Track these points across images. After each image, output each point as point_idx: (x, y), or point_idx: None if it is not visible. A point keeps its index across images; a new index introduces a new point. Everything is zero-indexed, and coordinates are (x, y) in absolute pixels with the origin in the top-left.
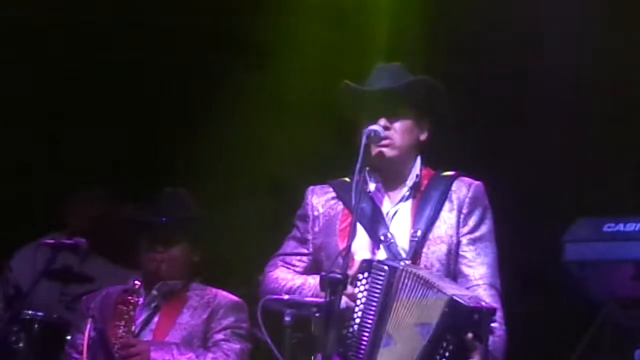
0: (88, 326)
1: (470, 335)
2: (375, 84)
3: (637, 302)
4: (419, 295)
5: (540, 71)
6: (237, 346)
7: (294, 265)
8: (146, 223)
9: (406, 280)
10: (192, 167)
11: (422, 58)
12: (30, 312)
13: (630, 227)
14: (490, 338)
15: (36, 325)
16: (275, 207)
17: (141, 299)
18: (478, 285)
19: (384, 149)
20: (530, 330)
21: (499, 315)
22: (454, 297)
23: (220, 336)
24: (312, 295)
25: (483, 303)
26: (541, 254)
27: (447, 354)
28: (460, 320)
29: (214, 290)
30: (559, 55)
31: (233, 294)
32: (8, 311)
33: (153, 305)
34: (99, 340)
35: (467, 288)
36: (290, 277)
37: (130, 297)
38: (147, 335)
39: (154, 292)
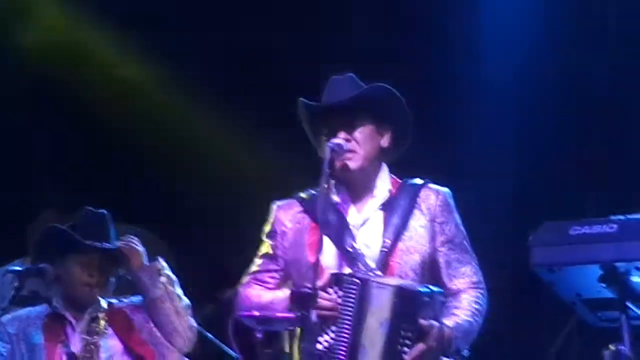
0: (59, 350)
1: (423, 318)
2: (329, 99)
3: (604, 303)
4: (379, 299)
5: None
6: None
7: (266, 282)
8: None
9: (374, 291)
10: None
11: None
12: None
13: (596, 229)
14: (453, 319)
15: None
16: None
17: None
18: (464, 289)
19: (347, 162)
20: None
21: (475, 308)
22: (400, 286)
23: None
24: (281, 309)
25: (431, 287)
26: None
27: (407, 342)
28: (411, 306)
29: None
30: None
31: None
32: None
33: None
34: None
35: (454, 294)
36: (260, 293)
37: (94, 324)
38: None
39: (87, 315)
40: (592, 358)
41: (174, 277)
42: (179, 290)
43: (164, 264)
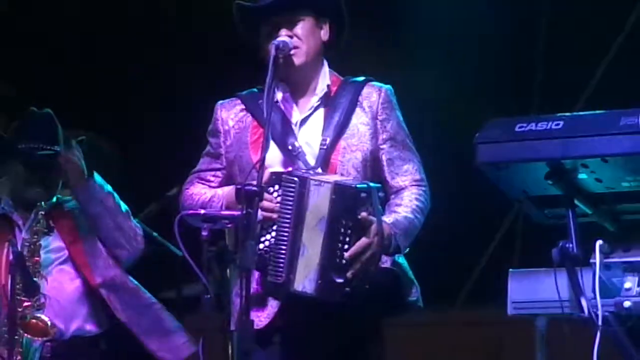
0: (5, 249)
1: (363, 213)
2: None
3: (551, 200)
4: (317, 196)
5: None
6: None
7: (209, 181)
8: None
9: (312, 188)
10: None
11: None
12: None
13: (542, 126)
14: (393, 216)
15: None
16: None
17: (20, 221)
18: (406, 187)
19: (292, 57)
20: (448, 234)
21: (417, 205)
22: (337, 182)
23: None
24: (221, 206)
25: (369, 183)
26: (454, 158)
27: (347, 238)
28: (349, 202)
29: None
30: None
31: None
32: None
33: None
34: (16, 262)
35: (396, 191)
36: (203, 191)
37: (34, 225)
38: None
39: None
40: (533, 257)
41: (110, 189)
42: (117, 201)
43: (100, 179)
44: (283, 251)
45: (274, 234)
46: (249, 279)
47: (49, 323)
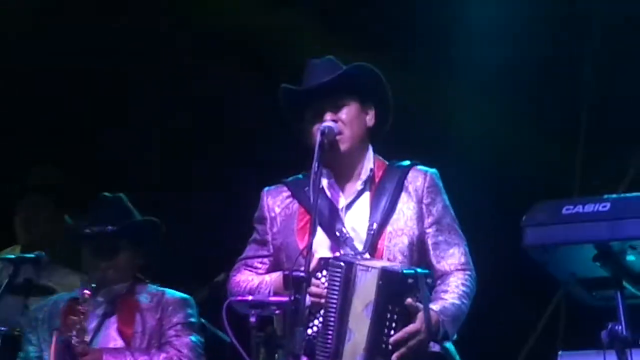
0: (54, 338)
1: (409, 300)
2: (311, 81)
3: (599, 282)
4: (364, 282)
5: None
6: (188, 340)
7: (256, 268)
8: (88, 234)
9: (359, 273)
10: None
11: None
12: None
13: (589, 207)
14: (440, 303)
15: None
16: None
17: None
18: (452, 272)
19: (337, 143)
20: (498, 314)
21: (464, 291)
22: (384, 267)
23: (171, 333)
24: (269, 292)
25: (416, 268)
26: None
27: (393, 324)
28: (396, 288)
29: (161, 289)
30: None
31: (187, 293)
32: None
33: (101, 313)
34: (65, 351)
35: (442, 275)
36: (250, 278)
37: (80, 307)
38: (102, 343)
39: (99, 298)
40: (578, 338)
41: None
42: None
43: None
44: (330, 336)
45: (321, 319)
46: None
47: None
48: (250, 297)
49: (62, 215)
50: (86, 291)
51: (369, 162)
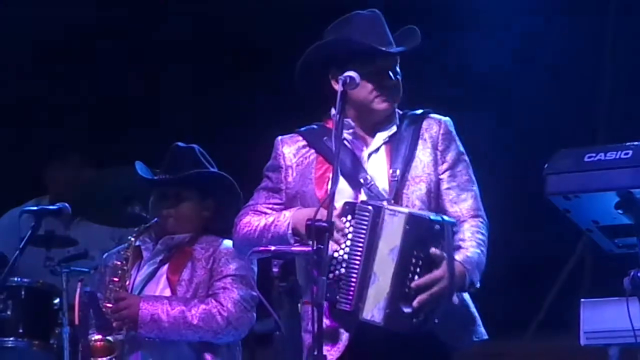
0: (78, 289)
1: (433, 249)
2: (382, 41)
3: (621, 229)
4: (391, 226)
5: None
6: (237, 295)
7: (265, 214)
8: (153, 181)
9: (387, 218)
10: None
11: None
12: (16, 279)
13: (611, 155)
14: (462, 253)
15: (23, 292)
16: None
17: (147, 253)
18: (465, 219)
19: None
20: (515, 263)
21: (480, 239)
22: (412, 213)
23: (219, 285)
24: (287, 226)
25: (443, 216)
26: (520, 187)
27: (417, 269)
28: (422, 234)
29: (220, 239)
30: None
31: None
32: None
33: (158, 259)
34: (89, 302)
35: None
36: (258, 218)
37: (124, 252)
38: (150, 290)
39: (159, 246)
40: (601, 286)
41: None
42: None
43: None
44: (354, 279)
45: (345, 264)
46: (321, 314)
47: (111, 339)
48: (272, 247)
49: (89, 168)
50: (131, 237)
51: (393, 115)
